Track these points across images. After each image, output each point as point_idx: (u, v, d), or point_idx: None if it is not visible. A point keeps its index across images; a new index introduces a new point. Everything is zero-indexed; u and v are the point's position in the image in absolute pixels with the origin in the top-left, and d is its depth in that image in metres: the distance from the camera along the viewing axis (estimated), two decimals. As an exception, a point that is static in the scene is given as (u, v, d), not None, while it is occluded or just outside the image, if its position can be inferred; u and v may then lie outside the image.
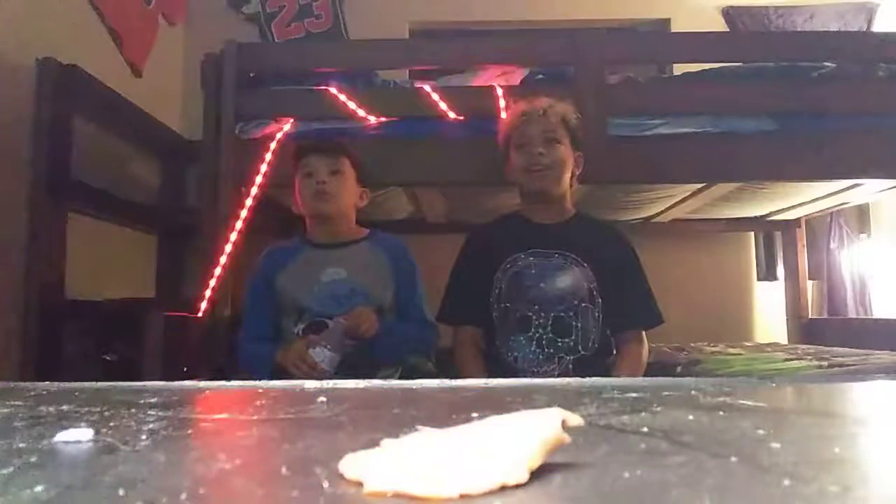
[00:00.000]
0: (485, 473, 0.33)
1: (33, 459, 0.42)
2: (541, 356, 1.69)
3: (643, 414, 0.58)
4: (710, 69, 2.26)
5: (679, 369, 2.21)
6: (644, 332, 1.77)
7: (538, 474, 0.35)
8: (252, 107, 2.11)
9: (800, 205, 2.83)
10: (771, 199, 2.74)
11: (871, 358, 2.14)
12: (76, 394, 0.73)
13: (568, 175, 1.77)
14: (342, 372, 1.58)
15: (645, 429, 0.50)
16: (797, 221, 3.27)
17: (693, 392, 0.71)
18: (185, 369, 1.82)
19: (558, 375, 1.65)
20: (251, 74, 2.16)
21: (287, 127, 2.07)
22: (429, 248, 2.12)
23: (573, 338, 1.70)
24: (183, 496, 0.33)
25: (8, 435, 0.50)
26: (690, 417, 0.56)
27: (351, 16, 3.50)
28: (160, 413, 0.60)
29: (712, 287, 3.37)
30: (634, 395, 0.70)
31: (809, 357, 2.30)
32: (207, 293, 1.96)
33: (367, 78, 2.23)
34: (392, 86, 2.29)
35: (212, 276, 1.97)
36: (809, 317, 3.29)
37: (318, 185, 1.74)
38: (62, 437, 0.47)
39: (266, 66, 2.25)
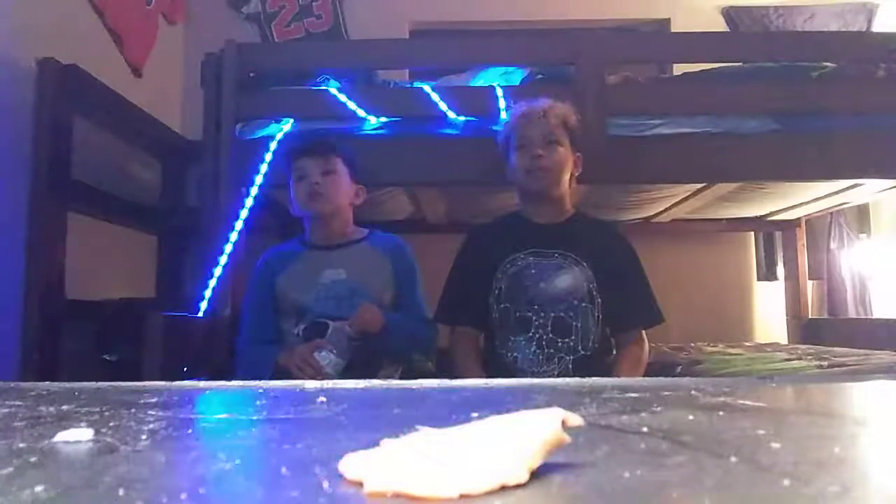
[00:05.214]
0: (485, 473, 0.33)
1: (33, 459, 0.42)
2: (541, 356, 1.69)
3: (643, 414, 0.58)
4: (710, 69, 2.25)
5: (679, 369, 2.21)
6: (644, 332, 1.77)
7: (538, 474, 0.35)
8: (252, 107, 2.11)
9: (800, 205, 2.83)
10: (771, 199, 2.74)
11: (871, 358, 2.14)
12: (76, 394, 0.73)
13: (567, 176, 1.77)
14: (344, 372, 1.58)
15: (645, 429, 0.50)
16: (797, 221, 3.27)
17: (693, 392, 0.71)
18: (185, 369, 1.82)
19: (558, 375, 1.65)
20: (251, 74, 2.16)
21: (287, 127, 2.07)
22: (429, 248, 2.11)
23: (573, 338, 1.70)
24: (183, 496, 0.33)
25: (8, 435, 0.50)
26: (690, 417, 0.56)
27: (351, 16, 3.50)
28: (160, 413, 0.60)
29: (712, 287, 3.37)
30: (634, 395, 0.70)
31: (809, 357, 2.30)
32: (207, 293, 1.96)
33: (367, 78, 2.23)
34: (392, 86, 2.29)
35: (212, 276, 1.97)
36: (809, 317, 3.29)
37: (312, 186, 1.75)
38: (62, 437, 0.47)
39: (266, 66, 2.25)
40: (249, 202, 2.04)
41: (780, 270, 3.41)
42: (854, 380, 1.14)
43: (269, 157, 2.03)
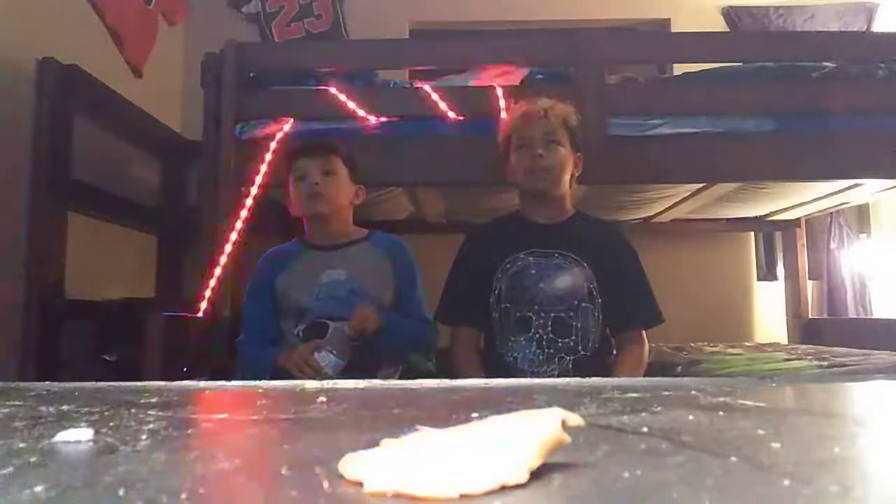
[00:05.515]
0: (485, 473, 0.33)
1: (33, 459, 0.42)
2: (541, 357, 1.69)
3: (643, 414, 0.58)
4: (710, 69, 2.25)
5: (679, 369, 2.21)
6: (644, 332, 1.77)
7: (538, 474, 0.35)
8: (252, 107, 2.11)
9: (800, 205, 2.83)
10: (771, 199, 2.74)
11: (871, 358, 2.14)
12: (76, 394, 0.73)
13: (568, 176, 1.77)
14: (344, 372, 1.58)
15: (645, 429, 0.50)
16: (797, 221, 3.27)
17: (693, 392, 0.71)
18: (185, 369, 1.82)
19: (558, 375, 1.65)
20: (251, 74, 2.16)
21: (287, 127, 2.07)
22: (429, 248, 2.12)
23: (573, 338, 1.69)
24: (183, 496, 0.33)
25: (8, 435, 0.50)
26: (690, 417, 0.56)
27: (351, 16, 3.50)
28: (160, 413, 0.60)
29: (712, 287, 3.37)
30: (634, 395, 0.70)
31: (809, 357, 2.30)
32: (207, 293, 1.96)
33: (367, 78, 2.23)
34: (392, 86, 2.29)
35: (212, 276, 1.97)
36: (809, 317, 3.29)
37: (312, 186, 1.75)
38: (62, 437, 0.47)
39: (266, 66, 2.25)
40: (249, 202, 2.04)
41: (780, 270, 3.42)
42: (854, 380, 1.15)
43: (269, 157, 2.02)
